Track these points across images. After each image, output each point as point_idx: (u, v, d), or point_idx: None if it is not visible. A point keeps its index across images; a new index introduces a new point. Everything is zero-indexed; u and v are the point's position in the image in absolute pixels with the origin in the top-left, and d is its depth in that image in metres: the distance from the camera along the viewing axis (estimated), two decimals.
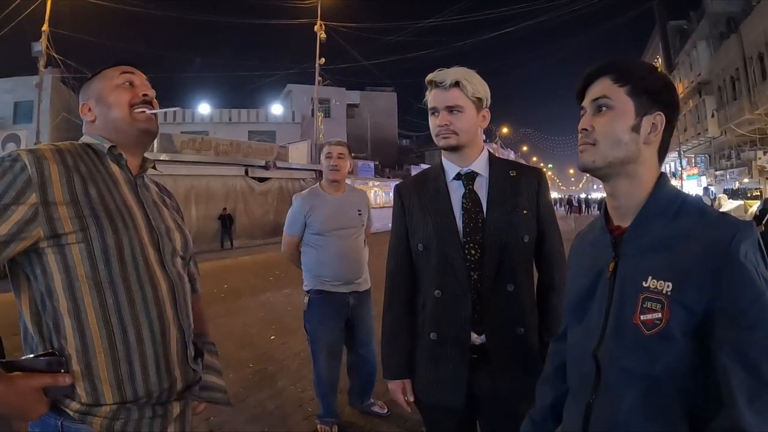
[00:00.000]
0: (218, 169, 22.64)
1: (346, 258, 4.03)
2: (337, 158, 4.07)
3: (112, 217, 1.52)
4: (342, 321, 4.08)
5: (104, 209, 1.52)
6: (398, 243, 2.25)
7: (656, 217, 1.32)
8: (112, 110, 1.70)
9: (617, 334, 1.30)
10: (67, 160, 1.52)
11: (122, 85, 1.74)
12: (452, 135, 2.07)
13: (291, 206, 4.19)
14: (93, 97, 1.74)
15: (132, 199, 1.64)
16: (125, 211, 1.58)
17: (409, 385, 2.21)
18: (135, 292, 1.53)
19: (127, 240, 1.54)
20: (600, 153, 1.36)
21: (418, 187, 2.22)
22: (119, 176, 1.65)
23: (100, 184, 1.56)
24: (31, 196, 1.42)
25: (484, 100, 2.12)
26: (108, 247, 1.49)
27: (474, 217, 2.07)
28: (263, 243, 22.80)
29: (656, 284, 1.24)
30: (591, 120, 1.38)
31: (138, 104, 1.72)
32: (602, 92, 1.37)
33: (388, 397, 4.46)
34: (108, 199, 1.55)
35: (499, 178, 2.13)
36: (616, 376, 1.29)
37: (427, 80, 2.10)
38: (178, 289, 1.67)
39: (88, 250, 1.47)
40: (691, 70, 36.40)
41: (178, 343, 1.63)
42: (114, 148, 1.66)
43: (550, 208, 2.20)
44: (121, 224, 1.54)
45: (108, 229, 1.50)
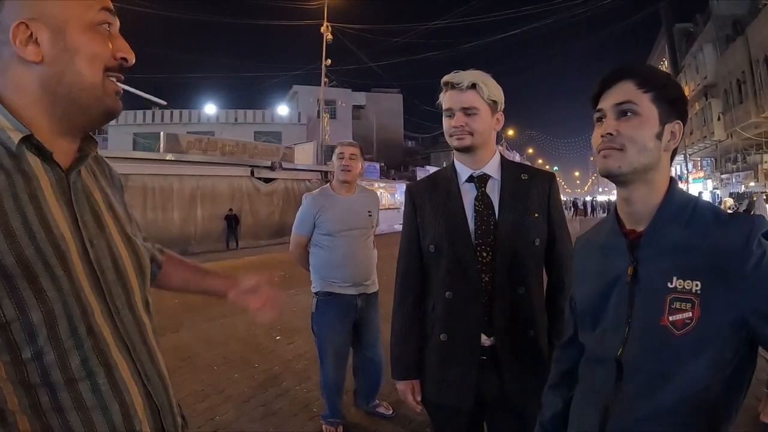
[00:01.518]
0: (224, 169, 22.65)
1: (355, 260, 4.02)
2: (349, 159, 4.06)
3: (32, 273, 0.96)
4: (350, 323, 4.08)
5: (17, 258, 0.95)
6: (409, 244, 2.25)
7: (672, 220, 1.33)
8: (77, 64, 1.08)
9: (644, 337, 1.29)
10: None
11: (98, 27, 1.12)
12: (467, 136, 2.08)
13: (301, 206, 4.19)
14: (47, 21, 1.06)
15: (62, 218, 1.05)
16: (51, 253, 1.00)
17: (417, 386, 2.21)
18: (81, 382, 1.01)
19: (61, 307, 0.99)
20: (627, 159, 1.33)
21: (429, 189, 2.23)
22: (42, 179, 1.05)
23: (9, 210, 0.97)
24: None
25: (499, 103, 2.13)
26: (34, 327, 0.96)
27: (486, 219, 2.08)
28: (268, 243, 22.78)
29: (684, 284, 1.25)
30: (615, 124, 1.35)
31: (113, 71, 1.14)
32: (627, 96, 1.35)
33: (393, 398, 4.48)
34: (22, 237, 0.96)
35: (511, 181, 2.14)
36: (642, 380, 1.28)
37: (443, 81, 2.11)
38: (141, 353, 1.14)
39: (5, 337, 0.94)
40: (698, 72, 36.34)
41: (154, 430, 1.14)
42: (30, 138, 1.04)
43: (560, 211, 2.21)
44: (48, 281, 0.98)
45: (29, 295, 0.95)
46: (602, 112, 1.39)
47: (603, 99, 1.40)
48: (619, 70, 1.39)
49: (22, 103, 1.07)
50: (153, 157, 20.10)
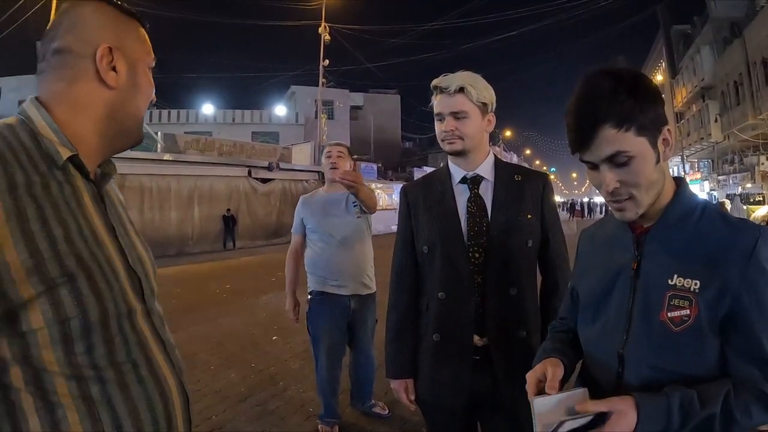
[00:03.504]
0: (221, 169, 22.65)
1: (343, 258, 4.01)
2: (336, 157, 4.09)
3: (90, 272, 1.04)
4: (343, 323, 4.07)
5: (76, 260, 1.02)
6: (403, 244, 2.26)
7: (680, 219, 1.34)
8: (138, 99, 1.24)
9: (644, 331, 1.31)
10: (13, 176, 0.98)
11: (148, 70, 1.28)
12: (458, 140, 2.09)
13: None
14: (127, 54, 1.21)
15: (102, 228, 1.14)
16: (101, 254, 1.09)
17: (411, 385, 2.22)
18: (127, 374, 1.10)
19: (113, 305, 1.08)
20: (641, 204, 1.31)
21: (424, 189, 2.24)
22: (83, 191, 1.12)
23: (65, 214, 1.05)
24: None
25: (489, 104, 2.13)
26: (91, 324, 1.03)
27: (478, 220, 2.09)
28: (266, 244, 22.80)
29: (683, 282, 1.27)
30: (615, 176, 1.28)
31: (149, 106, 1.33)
32: (614, 148, 1.25)
33: (389, 398, 4.49)
34: (78, 241, 1.04)
35: (505, 182, 2.15)
36: (644, 373, 1.30)
37: (432, 85, 2.12)
38: (169, 344, 1.26)
39: (62, 332, 1.00)
40: (695, 74, 36.37)
41: (183, 416, 1.23)
42: (75, 158, 1.11)
43: (554, 212, 2.21)
44: (103, 280, 1.07)
45: (88, 293, 1.03)
46: (593, 164, 1.32)
47: (587, 152, 1.30)
48: (589, 118, 1.26)
49: (79, 118, 1.16)
50: (150, 157, 20.06)
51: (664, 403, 1.19)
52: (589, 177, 1.38)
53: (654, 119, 1.27)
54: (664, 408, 1.18)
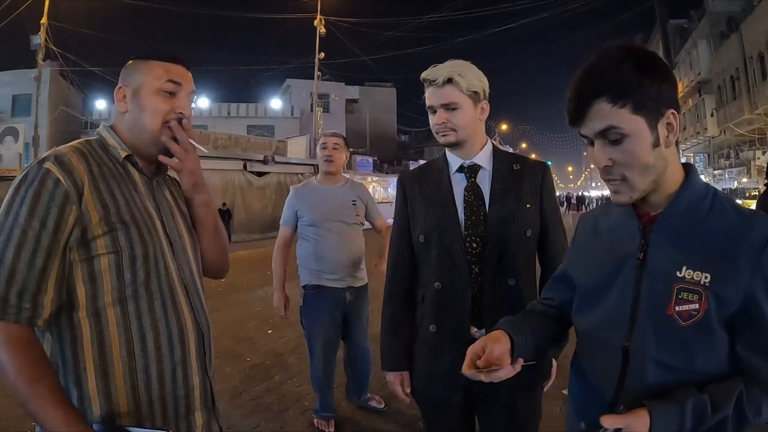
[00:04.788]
0: (217, 163, 22.58)
1: (341, 251, 3.99)
2: (332, 149, 4.04)
3: (138, 225, 1.49)
4: (338, 316, 4.05)
5: (130, 216, 1.48)
6: (399, 234, 2.23)
7: (689, 208, 1.28)
8: (144, 116, 1.60)
9: (650, 325, 1.26)
10: (92, 166, 1.48)
11: (164, 93, 1.62)
12: (451, 132, 2.05)
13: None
14: (131, 86, 1.62)
15: (150, 203, 1.59)
16: (147, 218, 1.53)
17: (407, 377, 2.20)
18: (156, 300, 1.49)
19: (152, 249, 1.50)
20: (635, 188, 1.27)
21: (420, 179, 2.21)
22: (138, 180, 1.60)
23: (124, 189, 1.52)
24: (72, 212, 1.38)
25: (481, 92, 2.09)
26: (136, 256, 1.46)
27: (476, 210, 2.05)
28: (261, 237, 22.74)
29: (693, 275, 1.21)
30: (607, 153, 1.26)
31: (170, 122, 1.62)
32: (607, 122, 1.23)
33: (385, 392, 4.46)
34: (132, 206, 1.51)
35: (502, 171, 2.11)
36: (649, 369, 1.25)
37: (422, 78, 2.09)
38: (193, 296, 1.62)
39: (117, 261, 1.43)
40: (691, 69, 36.40)
41: (197, 350, 1.58)
42: (130, 157, 1.59)
43: (553, 202, 2.18)
44: (146, 232, 1.50)
45: (136, 237, 1.47)
46: (588, 138, 1.31)
47: (582, 125, 1.29)
48: (586, 90, 1.25)
49: (123, 135, 1.62)
50: None
51: (676, 412, 1.15)
52: (588, 153, 1.36)
53: (656, 99, 1.22)
54: (676, 416, 1.15)
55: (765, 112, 24.75)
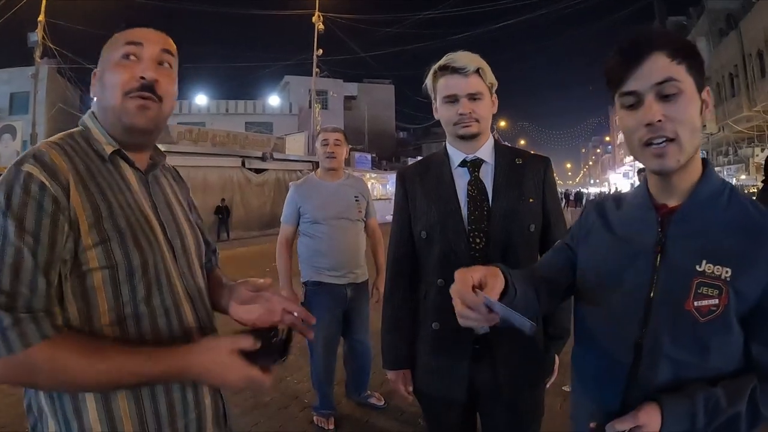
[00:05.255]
0: (215, 160, 22.56)
1: (343, 248, 3.98)
2: (333, 145, 4.01)
3: (134, 231, 1.30)
4: (339, 313, 4.04)
5: (126, 221, 1.30)
6: (400, 230, 2.20)
7: (708, 200, 1.25)
8: (105, 95, 1.38)
9: (667, 321, 1.21)
10: (76, 164, 1.28)
11: (122, 60, 1.37)
12: (474, 123, 2.02)
13: (287, 196, 4.16)
14: (99, 68, 1.43)
15: (146, 204, 1.40)
16: (144, 222, 1.35)
17: (408, 376, 2.17)
18: (159, 318, 1.32)
19: (152, 259, 1.32)
20: (683, 149, 1.20)
21: (421, 173, 2.18)
22: (131, 177, 1.40)
23: (115, 190, 1.32)
24: (65, 220, 1.20)
25: (495, 85, 2.09)
26: (134, 269, 1.28)
27: (479, 205, 2.02)
28: (260, 234, 22.72)
29: (713, 269, 1.18)
30: (660, 109, 1.18)
31: (134, 91, 1.35)
32: (667, 73, 1.18)
33: (385, 389, 4.46)
34: (126, 209, 1.32)
35: (505, 165, 2.09)
36: (662, 366, 1.21)
37: (442, 65, 2.02)
38: (200, 308, 1.45)
39: (112, 276, 1.25)
40: None
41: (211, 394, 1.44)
42: (119, 151, 1.38)
43: (556, 196, 2.17)
44: (144, 239, 1.32)
45: (133, 247, 1.28)
46: (637, 95, 1.21)
47: (633, 78, 1.21)
48: (645, 40, 1.21)
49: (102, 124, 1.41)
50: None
51: (688, 406, 1.13)
52: (624, 120, 1.26)
53: (700, 70, 1.23)
54: (688, 411, 1.13)
55: (764, 110, 24.75)
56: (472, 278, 1.21)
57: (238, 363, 1.28)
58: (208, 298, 1.53)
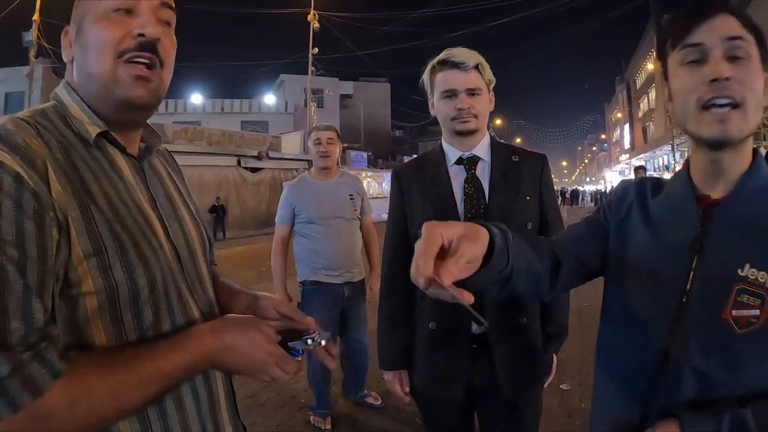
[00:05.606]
0: (210, 159, 22.50)
1: (340, 247, 3.96)
2: (326, 144, 3.98)
3: (134, 238, 1.02)
4: (336, 312, 4.02)
5: (121, 225, 1.01)
6: (396, 229, 2.18)
7: (758, 194, 1.10)
8: (88, 57, 1.07)
9: (699, 329, 1.06)
10: (53, 150, 0.98)
11: (110, 14, 1.06)
12: (473, 119, 2.01)
13: (281, 196, 4.13)
14: (75, 22, 1.11)
15: (144, 199, 1.11)
16: (144, 224, 1.06)
17: (405, 376, 2.15)
18: None
19: (159, 271, 1.05)
20: (747, 117, 1.05)
21: (417, 171, 2.16)
22: (122, 164, 1.11)
23: (106, 184, 1.03)
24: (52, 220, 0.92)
25: (493, 82, 2.08)
26: (139, 289, 1.00)
27: (476, 203, 2.01)
28: (256, 233, 22.68)
29: (757, 275, 1.03)
30: (728, 68, 1.03)
31: (129, 52, 1.05)
32: (738, 31, 1.06)
33: (382, 388, 4.44)
34: (122, 208, 1.03)
35: (502, 163, 2.07)
36: (687, 379, 1.06)
37: (441, 60, 2.02)
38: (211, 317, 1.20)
39: (111, 300, 0.97)
40: None
41: (226, 394, 1.21)
42: (107, 134, 1.08)
43: (553, 194, 2.15)
44: (147, 246, 1.04)
45: (136, 260, 1.00)
46: (703, 48, 1.06)
47: (702, 30, 1.07)
48: (720, 1, 1.09)
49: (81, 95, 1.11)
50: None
51: (711, 426, 0.99)
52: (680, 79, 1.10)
53: (766, 51, 1.10)
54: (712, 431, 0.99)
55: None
56: (441, 236, 0.93)
57: (267, 339, 1.09)
58: (217, 305, 1.27)
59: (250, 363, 1.08)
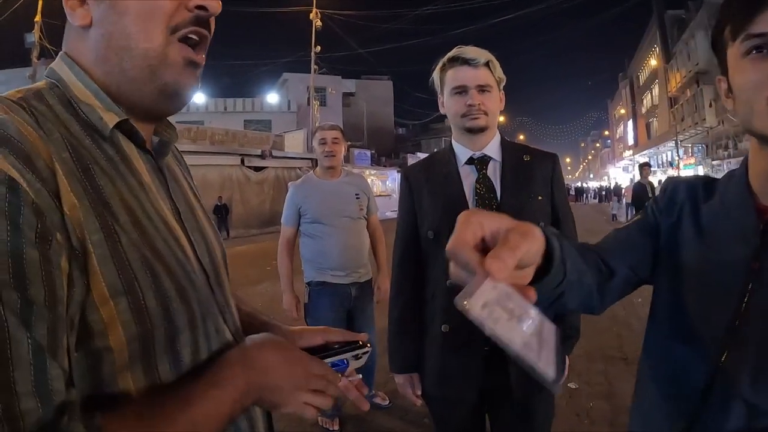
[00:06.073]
0: (214, 158, 22.52)
1: (346, 247, 3.93)
2: (332, 143, 3.94)
3: (168, 265, 0.81)
4: (344, 313, 3.99)
5: (155, 254, 0.80)
6: (406, 230, 2.15)
7: None
8: (126, 23, 0.82)
9: (752, 356, 0.93)
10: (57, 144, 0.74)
11: None
12: (482, 115, 1.99)
13: (286, 196, 4.11)
14: None
15: (168, 211, 0.89)
16: (175, 244, 0.86)
17: (417, 379, 2.13)
18: None
19: (197, 306, 0.85)
20: None
21: (427, 172, 2.14)
22: (138, 164, 0.88)
23: (125, 192, 0.81)
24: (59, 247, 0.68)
25: (503, 80, 2.07)
26: (178, 330, 0.81)
27: (488, 203, 1.98)
28: (259, 233, 22.71)
29: None
30: None
31: (184, 27, 0.85)
32: None
33: (389, 389, 4.42)
34: (148, 225, 0.81)
35: (513, 162, 2.05)
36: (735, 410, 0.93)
37: (452, 56, 2.01)
38: None
39: (146, 347, 0.76)
40: (689, 59, 36.37)
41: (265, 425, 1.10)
42: (125, 123, 0.85)
43: (564, 193, 2.13)
44: (183, 274, 0.84)
45: (173, 293, 0.80)
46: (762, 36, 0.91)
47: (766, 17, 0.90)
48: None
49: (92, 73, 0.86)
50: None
51: None
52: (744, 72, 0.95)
53: None
54: None
55: None
56: (481, 227, 0.68)
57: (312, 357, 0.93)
58: None
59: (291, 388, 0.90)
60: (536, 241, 0.72)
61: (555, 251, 0.82)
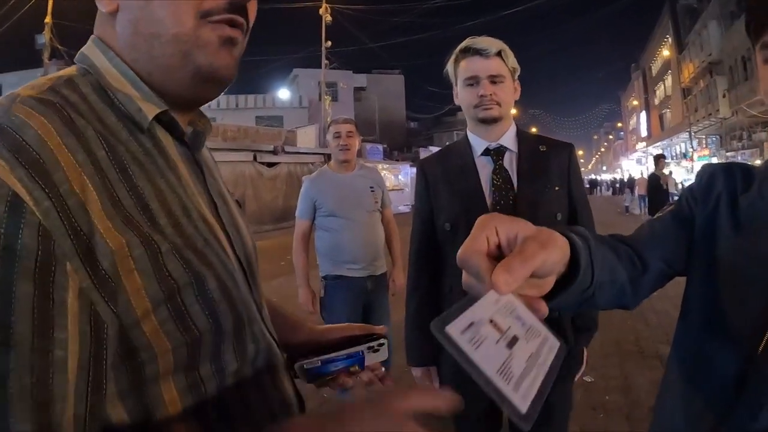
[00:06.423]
0: (226, 155, 22.56)
1: (362, 240, 3.92)
2: (346, 137, 3.93)
3: (215, 270, 0.77)
4: (360, 306, 3.97)
5: (197, 255, 0.75)
6: (422, 223, 2.15)
7: None
8: (155, 10, 0.77)
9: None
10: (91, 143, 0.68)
11: None
12: (495, 106, 1.98)
13: (301, 190, 4.11)
14: None
15: (206, 207, 0.84)
16: (218, 246, 0.81)
17: (434, 373, 2.13)
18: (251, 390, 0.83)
19: (242, 309, 0.82)
20: None
21: (443, 163, 2.13)
22: (177, 159, 0.83)
23: (167, 191, 0.76)
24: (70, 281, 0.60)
25: (517, 70, 2.05)
26: (225, 335, 0.77)
27: (505, 194, 1.98)
28: (273, 228, 22.74)
29: None
30: None
31: (216, 14, 0.79)
32: None
33: (404, 382, 4.41)
34: (190, 229, 0.76)
35: (529, 153, 2.04)
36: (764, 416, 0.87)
37: (464, 47, 2.00)
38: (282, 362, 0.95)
39: (192, 353, 0.72)
40: (702, 50, 36.06)
41: None
42: (165, 114, 0.80)
43: (581, 184, 2.12)
44: (229, 278, 0.79)
45: (221, 299, 0.76)
46: None
47: None
48: None
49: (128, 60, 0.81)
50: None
51: None
52: None
53: None
54: None
55: None
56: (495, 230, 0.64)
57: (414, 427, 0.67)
58: None
59: None
60: (556, 249, 0.67)
61: (581, 257, 0.76)
